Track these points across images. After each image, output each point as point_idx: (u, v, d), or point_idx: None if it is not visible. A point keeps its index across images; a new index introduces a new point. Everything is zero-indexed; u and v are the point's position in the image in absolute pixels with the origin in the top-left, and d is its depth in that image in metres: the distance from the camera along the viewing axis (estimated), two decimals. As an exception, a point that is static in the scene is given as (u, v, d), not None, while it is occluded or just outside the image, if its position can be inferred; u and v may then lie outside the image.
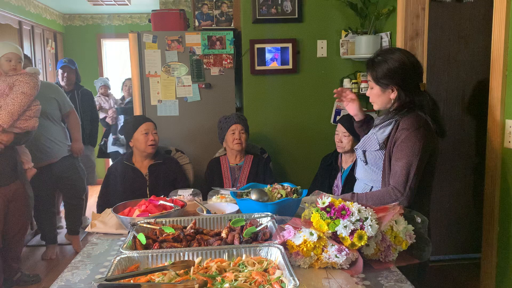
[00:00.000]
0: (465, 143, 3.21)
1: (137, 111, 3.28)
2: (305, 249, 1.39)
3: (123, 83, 5.38)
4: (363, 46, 3.11)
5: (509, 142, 1.92)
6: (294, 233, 1.43)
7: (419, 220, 1.52)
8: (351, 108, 2.12)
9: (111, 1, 5.49)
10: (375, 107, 1.93)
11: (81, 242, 4.03)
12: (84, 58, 6.68)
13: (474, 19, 3.11)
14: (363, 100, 3.36)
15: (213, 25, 3.36)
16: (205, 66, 3.25)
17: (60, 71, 4.27)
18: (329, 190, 2.75)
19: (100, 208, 2.63)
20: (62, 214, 4.24)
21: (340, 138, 2.69)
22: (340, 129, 2.69)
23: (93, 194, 4.96)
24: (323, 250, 1.40)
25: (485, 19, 3.04)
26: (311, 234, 1.40)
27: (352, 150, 2.67)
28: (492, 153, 2.04)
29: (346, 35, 3.27)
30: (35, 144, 3.34)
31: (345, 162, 2.76)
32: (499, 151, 1.98)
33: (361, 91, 3.26)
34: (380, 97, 1.87)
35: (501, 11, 1.93)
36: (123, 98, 5.33)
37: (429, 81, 2.99)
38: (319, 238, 1.40)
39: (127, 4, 5.74)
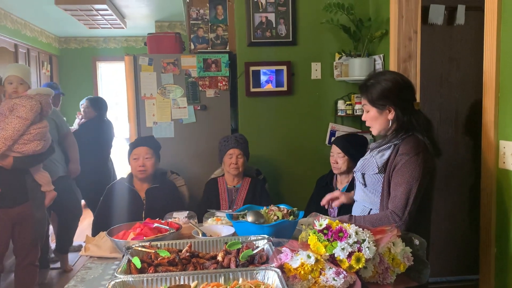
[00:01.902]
0: (460, 164, 3.22)
1: (132, 133, 3.28)
2: (302, 272, 1.37)
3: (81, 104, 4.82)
4: (356, 69, 3.14)
5: (504, 163, 1.93)
6: (291, 256, 1.42)
7: (417, 242, 1.51)
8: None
9: (107, 24, 5.55)
10: (374, 132, 1.92)
11: (74, 267, 3.98)
12: (80, 80, 6.72)
13: (465, 42, 3.17)
14: (357, 121, 3.39)
15: (208, 48, 3.39)
16: (200, 88, 3.27)
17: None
18: (325, 212, 2.73)
19: (96, 228, 2.60)
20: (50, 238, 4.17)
21: (336, 159, 2.69)
22: (335, 150, 2.69)
23: (86, 217, 4.90)
24: (320, 273, 1.38)
25: (476, 41, 3.10)
26: (309, 256, 1.38)
27: (347, 171, 2.67)
28: (487, 174, 2.05)
29: (340, 58, 3.31)
30: None
31: (340, 183, 2.75)
32: (494, 172, 1.99)
33: (356, 112, 3.29)
34: (377, 119, 1.86)
35: (491, 34, 1.96)
36: (93, 119, 4.54)
37: (422, 102, 3.03)
38: (317, 261, 1.38)
39: (123, 28, 5.80)
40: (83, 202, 4.22)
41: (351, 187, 2.52)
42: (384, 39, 3.08)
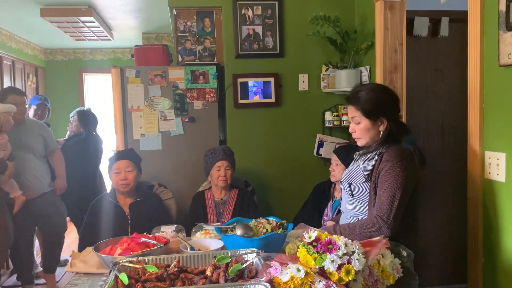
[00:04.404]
0: (446, 174, 3.25)
1: (119, 145, 3.25)
2: (292, 286, 1.36)
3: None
4: (343, 80, 3.17)
5: (489, 173, 1.95)
6: (281, 270, 1.41)
7: (404, 254, 1.52)
8: None
9: (94, 36, 5.53)
10: (361, 143, 1.91)
11: (59, 283, 3.89)
12: (66, 92, 6.65)
13: (450, 53, 3.23)
14: (345, 132, 3.41)
15: (196, 60, 3.40)
16: (188, 100, 3.26)
17: (34, 107, 4.23)
18: (319, 218, 2.73)
19: (83, 244, 2.55)
20: (36, 253, 4.09)
21: (333, 167, 2.70)
22: (333, 158, 2.71)
23: (72, 231, 4.83)
24: (310, 287, 1.37)
25: (460, 53, 3.15)
26: (298, 270, 1.37)
27: (344, 180, 2.67)
28: (473, 184, 2.07)
29: (326, 69, 3.34)
30: (17, 178, 3.28)
31: (338, 192, 2.75)
32: (480, 183, 2.01)
33: (343, 123, 3.31)
34: (369, 131, 1.86)
35: (475, 46, 2.00)
36: (80, 134, 4.41)
37: (408, 113, 3.07)
38: (307, 274, 1.37)
39: (110, 39, 5.78)
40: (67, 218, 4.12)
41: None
42: (370, 51, 3.12)
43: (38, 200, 3.46)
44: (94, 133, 4.42)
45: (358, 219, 1.91)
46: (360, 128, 1.87)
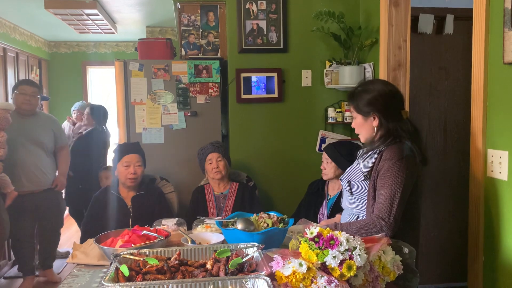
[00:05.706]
0: (448, 172, 3.25)
1: (122, 138, 3.26)
2: (294, 280, 1.37)
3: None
4: (346, 76, 3.16)
5: (492, 171, 1.95)
6: (283, 264, 1.41)
7: (406, 250, 1.52)
8: None
9: (98, 29, 5.52)
10: (362, 139, 1.96)
11: (60, 274, 3.91)
12: (69, 85, 6.66)
13: (454, 51, 3.21)
14: (347, 128, 3.41)
15: (199, 54, 3.39)
16: (191, 94, 3.26)
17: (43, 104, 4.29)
18: (314, 217, 2.73)
19: (86, 234, 2.57)
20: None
21: (324, 165, 2.70)
22: (324, 156, 2.71)
23: (74, 223, 4.84)
24: (312, 282, 1.37)
25: (464, 50, 3.14)
26: (301, 265, 1.37)
27: (337, 178, 2.67)
28: (475, 182, 2.06)
29: (330, 66, 3.33)
30: (24, 171, 3.33)
31: (332, 190, 2.75)
32: (482, 181, 2.01)
33: (345, 120, 3.30)
34: (363, 126, 1.90)
35: (480, 44, 1.99)
36: (95, 128, 4.54)
37: (412, 110, 3.06)
38: (309, 269, 1.37)
39: (114, 33, 5.77)
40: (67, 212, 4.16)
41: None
42: (374, 47, 3.11)
43: (41, 194, 3.48)
44: (104, 127, 4.52)
45: (358, 216, 1.91)
46: (356, 124, 1.94)
